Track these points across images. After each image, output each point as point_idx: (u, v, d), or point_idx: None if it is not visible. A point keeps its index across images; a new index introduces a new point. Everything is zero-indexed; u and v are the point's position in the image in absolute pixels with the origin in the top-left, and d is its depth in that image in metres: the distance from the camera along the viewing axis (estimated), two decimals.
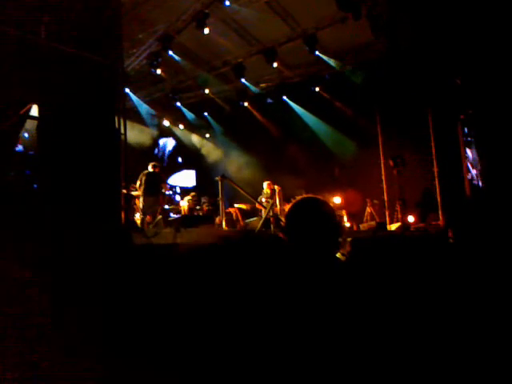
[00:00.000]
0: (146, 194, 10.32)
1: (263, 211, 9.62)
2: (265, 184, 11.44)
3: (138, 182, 10.58)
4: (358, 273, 1.61)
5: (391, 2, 11.04)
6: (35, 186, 5.72)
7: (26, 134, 6.37)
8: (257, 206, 11.25)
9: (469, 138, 11.02)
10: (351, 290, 1.40)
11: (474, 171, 11.26)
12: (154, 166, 10.90)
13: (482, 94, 9.65)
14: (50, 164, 5.46)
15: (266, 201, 10.72)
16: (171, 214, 12.23)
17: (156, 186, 10.58)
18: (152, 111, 16.20)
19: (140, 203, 10.33)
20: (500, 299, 2.42)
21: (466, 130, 11.20)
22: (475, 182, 10.95)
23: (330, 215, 1.56)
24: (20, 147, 6.25)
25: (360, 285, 1.45)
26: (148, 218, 10.20)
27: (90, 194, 5.15)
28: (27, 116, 6.05)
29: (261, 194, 11.33)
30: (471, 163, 11.44)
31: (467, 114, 11.21)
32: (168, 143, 17.98)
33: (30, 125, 6.14)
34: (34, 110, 5.99)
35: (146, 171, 10.81)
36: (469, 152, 11.42)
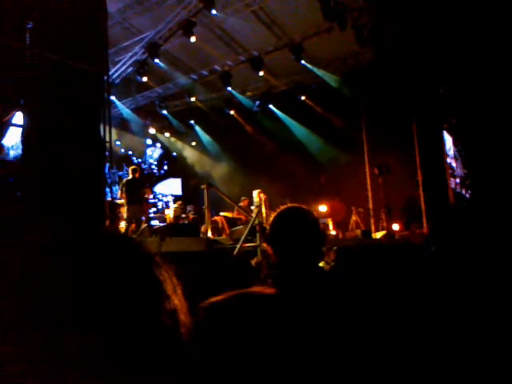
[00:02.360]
0: (128, 202, 9.80)
1: (250, 220, 9.60)
2: (255, 193, 11.36)
3: (119, 192, 10.10)
4: (341, 282, 1.62)
5: (376, 13, 11.19)
6: (18, 193, 5.65)
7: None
8: (235, 214, 11.20)
9: (452, 148, 11.17)
10: (334, 299, 1.41)
11: (456, 179, 11.40)
12: (133, 171, 10.18)
13: (466, 103, 9.80)
14: (33, 172, 5.41)
15: (256, 209, 10.67)
16: (151, 223, 12.01)
17: (138, 193, 10.00)
18: (138, 119, 16.13)
19: (124, 212, 10.05)
20: (482, 305, 2.45)
21: (451, 139, 11.36)
22: (458, 190, 11.08)
23: (313, 225, 1.57)
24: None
25: (343, 295, 1.46)
26: (133, 226, 10.05)
27: (73, 202, 5.10)
28: (11, 123, 5.99)
29: (240, 201, 11.28)
30: (454, 172, 11.58)
31: (451, 123, 11.37)
32: (155, 151, 17.91)
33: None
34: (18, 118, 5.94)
35: (126, 179, 10.24)
36: (452, 161, 11.57)
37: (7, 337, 0.48)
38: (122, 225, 10.11)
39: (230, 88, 14.44)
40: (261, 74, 13.35)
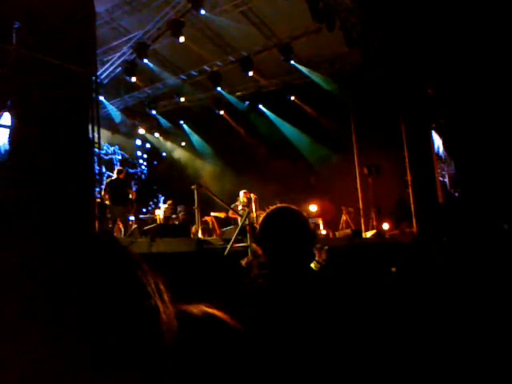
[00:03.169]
0: (112, 203, 9.65)
1: (239, 219, 9.59)
2: (241, 193, 11.37)
3: (103, 192, 9.73)
4: (330, 282, 1.62)
5: (364, 14, 11.24)
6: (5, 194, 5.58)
7: None
8: (230, 214, 11.15)
9: (440, 147, 11.26)
10: (322, 301, 1.41)
11: (445, 179, 11.49)
12: (118, 172, 10.11)
13: (454, 103, 9.88)
14: (21, 173, 5.36)
15: (243, 209, 10.64)
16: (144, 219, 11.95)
17: (121, 194, 9.86)
18: (127, 120, 16.04)
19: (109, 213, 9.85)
20: (472, 304, 2.47)
21: (439, 139, 11.45)
22: (447, 189, 11.17)
23: (302, 225, 1.57)
24: None
25: (330, 294, 1.46)
26: (120, 225, 9.96)
27: (62, 203, 5.06)
28: None
29: (234, 202, 11.24)
30: (443, 171, 11.67)
31: (439, 123, 11.46)
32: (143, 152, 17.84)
33: None
34: (6, 119, 5.88)
35: (109, 179, 10.06)
36: (441, 160, 11.66)
37: (7, 337, 0.48)
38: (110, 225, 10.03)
39: (219, 88, 14.42)
40: (250, 74, 13.35)
